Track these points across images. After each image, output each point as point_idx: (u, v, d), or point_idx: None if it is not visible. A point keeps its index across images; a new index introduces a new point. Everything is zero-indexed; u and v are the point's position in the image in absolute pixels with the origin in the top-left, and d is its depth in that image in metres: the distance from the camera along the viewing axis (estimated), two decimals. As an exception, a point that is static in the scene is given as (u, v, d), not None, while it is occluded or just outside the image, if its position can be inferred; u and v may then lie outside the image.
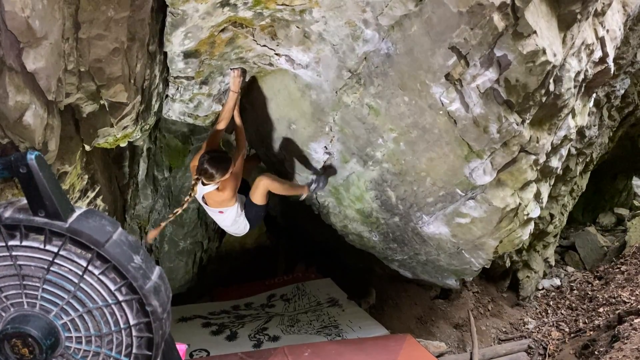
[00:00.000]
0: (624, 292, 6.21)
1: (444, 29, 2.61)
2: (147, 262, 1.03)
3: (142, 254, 1.03)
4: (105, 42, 1.75)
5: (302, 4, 2.86)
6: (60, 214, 0.96)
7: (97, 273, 0.98)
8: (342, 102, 3.53)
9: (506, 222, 3.62)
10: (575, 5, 2.82)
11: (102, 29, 1.71)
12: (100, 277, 0.99)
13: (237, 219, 3.86)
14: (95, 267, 0.98)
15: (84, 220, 0.98)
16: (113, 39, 1.77)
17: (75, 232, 0.96)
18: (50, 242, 0.97)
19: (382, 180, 3.94)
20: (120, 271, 0.99)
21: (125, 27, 1.80)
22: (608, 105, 5.81)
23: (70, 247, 0.97)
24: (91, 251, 0.97)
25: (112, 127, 2.28)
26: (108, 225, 1.01)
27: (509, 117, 2.94)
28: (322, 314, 4.61)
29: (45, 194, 0.95)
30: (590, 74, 3.35)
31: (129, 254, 1.00)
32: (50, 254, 0.97)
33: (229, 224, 3.89)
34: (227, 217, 3.80)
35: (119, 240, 1.00)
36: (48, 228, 0.96)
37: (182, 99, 3.57)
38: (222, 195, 3.61)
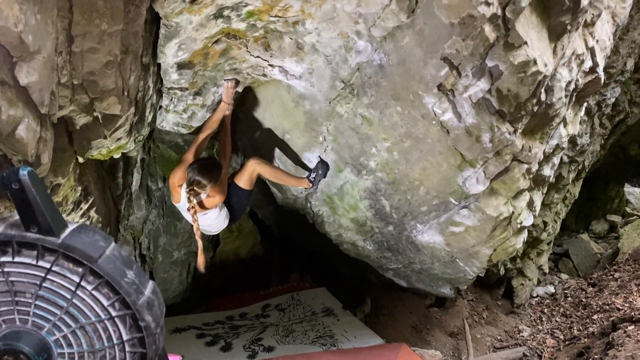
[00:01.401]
0: (617, 299, 6.24)
1: (435, 40, 2.64)
2: (140, 277, 1.03)
3: (135, 269, 1.03)
4: (98, 55, 1.76)
5: (295, 15, 2.88)
6: (52, 229, 0.95)
7: (90, 289, 0.98)
8: (335, 112, 3.55)
9: (500, 231, 3.64)
10: (565, 17, 2.85)
11: (96, 42, 1.71)
12: (93, 293, 0.98)
13: (219, 214, 3.75)
14: (88, 283, 0.98)
15: (76, 235, 0.98)
16: (106, 52, 1.77)
17: (68, 248, 0.96)
18: (42, 258, 0.96)
19: (376, 189, 3.96)
20: (113, 286, 0.99)
21: (119, 40, 1.80)
22: (599, 114, 5.86)
23: (63, 262, 0.97)
24: (84, 267, 0.97)
25: (106, 138, 2.27)
26: (101, 240, 1.00)
27: (501, 127, 2.97)
28: (317, 324, 4.59)
29: (37, 209, 0.94)
30: (581, 83, 3.39)
31: (122, 269, 1.00)
32: (42, 269, 0.96)
33: (211, 221, 3.75)
34: (209, 216, 3.70)
35: (112, 256, 1.00)
36: (40, 244, 0.95)
37: (175, 110, 3.57)
38: (211, 202, 3.57)
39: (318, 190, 4.51)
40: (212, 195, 3.55)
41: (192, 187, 3.38)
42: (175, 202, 3.64)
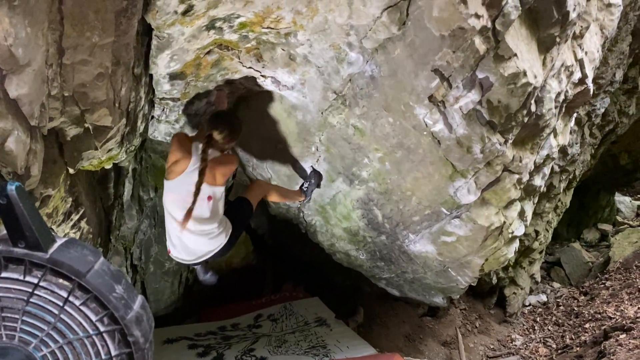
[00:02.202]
0: (609, 308, 6.27)
1: (426, 52, 2.66)
2: (129, 292, 1.03)
3: (124, 284, 1.03)
4: (89, 67, 1.75)
5: (287, 27, 2.90)
6: (40, 244, 0.95)
7: (78, 304, 0.97)
8: (327, 123, 3.56)
9: (491, 241, 3.65)
10: (554, 29, 2.89)
11: (87, 55, 1.71)
12: (81, 308, 0.98)
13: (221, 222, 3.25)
14: (76, 298, 0.97)
15: (65, 250, 0.98)
16: (97, 64, 1.77)
17: (56, 263, 0.95)
18: (30, 273, 0.96)
19: (369, 199, 3.97)
20: (102, 301, 0.98)
21: (110, 52, 1.81)
22: (589, 124, 5.92)
23: (51, 277, 0.96)
24: (72, 282, 0.96)
25: (97, 150, 2.27)
26: (90, 255, 1.00)
27: (491, 138, 2.99)
28: (309, 334, 4.57)
29: (25, 224, 0.94)
30: (570, 94, 3.42)
31: (110, 283, 0.99)
32: (30, 285, 0.96)
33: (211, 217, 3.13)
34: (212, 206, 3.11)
35: (100, 270, 0.99)
36: (28, 259, 0.95)
37: (167, 120, 3.57)
38: (224, 167, 3.12)
39: (311, 200, 4.51)
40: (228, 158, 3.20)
41: (210, 138, 3.04)
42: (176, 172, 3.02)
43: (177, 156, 3.04)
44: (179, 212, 3.05)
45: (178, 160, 3.04)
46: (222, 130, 3.10)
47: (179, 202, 3.05)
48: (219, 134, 3.09)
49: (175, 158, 3.05)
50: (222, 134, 3.10)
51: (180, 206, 3.03)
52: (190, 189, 2.97)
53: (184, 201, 2.99)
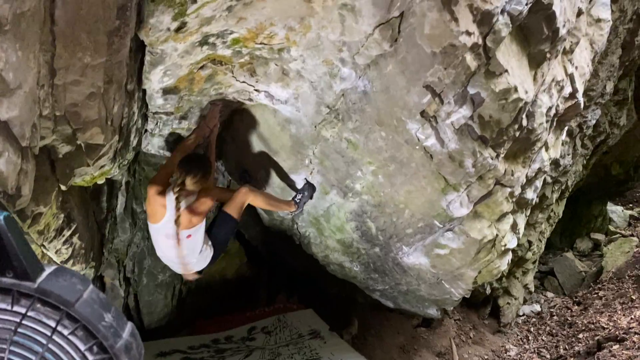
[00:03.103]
0: (602, 318, 6.29)
1: (418, 68, 2.68)
2: (118, 320, 1.02)
3: (114, 312, 1.02)
4: (81, 87, 1.76)
5: (280, 43, 2.92)
6: (29, 274, 0.95)
7: (67, 333, 0.97)
8: (321, 136, 3.58)
9: (484, 253, 3.66)
10: (544, 45, 2.92)
11: (79, 75, 1.71)
12: (70, 337, 0.97)
13: (204, 245, 3.44)
14: (65, 327, 0.97)
15: (53, 279, 0.97)
16: (89, 84, 1.78)
17: (44, 293, 0.95)
18: (18, 302, 0.95)
19: (362, 211, 3.97)
20: (91, 330, 0.98)
21: (102, 72, 1.81)
22: (581, 135, 5.97)
23: (39, 307, 0.96)
24: (60, 311, 0.96)
25: (89, 166, 2.26)
26: (78, 284, 1.00)
27: (483, 152, 3.01)
28: (303, 347, 4.55)
29: (13, 254, 0.94)
30: (561, 108, 3.46)
31: (99, 312, 0.99)
32: (18, 315, 0.95)
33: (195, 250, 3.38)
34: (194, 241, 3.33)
35: (89, 299, 0.99)
36: (16, 289, 0.94)
37: (161, 134, 3.57)
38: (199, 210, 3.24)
39: (304, 211, 4.52)
40: (204, 198, 3.28)
41: (183, 185, 3.12)
42: (154, 220, 3.25)
43: (153, 207, 3.22)
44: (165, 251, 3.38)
45: (154, 210, 3.23)
46: (194, 175, 3.17)
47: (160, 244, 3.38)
48: (192, 179, 3.17)
49: (152, 208, 3.24)
50: (195, 178, 3.18)
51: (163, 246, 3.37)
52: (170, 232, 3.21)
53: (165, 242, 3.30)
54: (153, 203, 3.20)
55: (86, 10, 1.58)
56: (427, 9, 2.44)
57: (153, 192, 3.20)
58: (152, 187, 3.22)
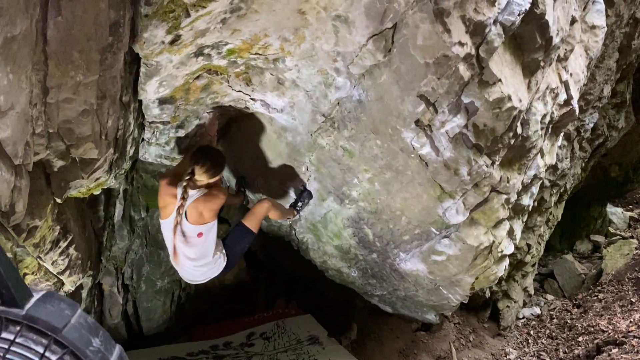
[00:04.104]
0: (602, 321, 6.29)
1: (412, 78, 2.70)
2: (106, 344, 1.04)
3: (102, 335, 1.04)
4: (74, 104, 1.77)
5: (275, 53, 2.93)
6: (17, 301, 0.96)
7: (55, 359, 0.98)
8: (317, 144, 3.59)
9: (481, 260, 3.67)
10: (538, 54, 2.93)
11: (71, 93, 1.73)
12: (58, 362, 0.99)
13: (216, 251, 3.35)
14: (53, 353, 0.98)
15: (41, 305, 0.99)
16: (82, 102, 1.79)
17: (32, 319, 0.96)
18: (6, 329, 0.97)
19: (359, 218, 3.98)
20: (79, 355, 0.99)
21: (95, 89, 1.82)
22: (579, 138, 5.98)
23: (27, 333, 0.97)
24: (48, 337, 0.97)
25: (84, 179, 2.28)
26: (67, 309, 1.01)
27: (478, 160, 3.02)
28: (302, 353, 4.56)
29: (1, 281, 0.95)
30: (556, 115, 3.47)
31: (87, 337, 1.00)
32: (6, 341, 0.97)
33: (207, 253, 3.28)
34: (205, 241, 3.23)
35: (77, 324, 1.00)
36: (4, 316, 0.96)
37: (158, 143, 3.58)
38: (210, 204, 3.17)
39: (302, 218, 4.53)
40: (215, 192, 3.21)
41: (192, 174, 3.06)
42: (165, 215, 3.16)
43: (164, 198, 3.17)
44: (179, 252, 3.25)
45: (165, 202, 3.17)
46: (203, 164, 3.10)
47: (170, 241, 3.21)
48: (200, 169, 3.09)
49: (163, 203, 3.18)
50: (204, 168, 3.10)
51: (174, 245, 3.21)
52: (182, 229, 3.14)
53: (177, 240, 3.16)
54: (164, 194, 3.15)
55: (78, 30, 1.60)
56: (419, 20, 2.45)
57: (164, 182, 3.17)
58: (164, 179, 3.21)
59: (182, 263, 3.30)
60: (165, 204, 3.16)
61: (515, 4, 2.53)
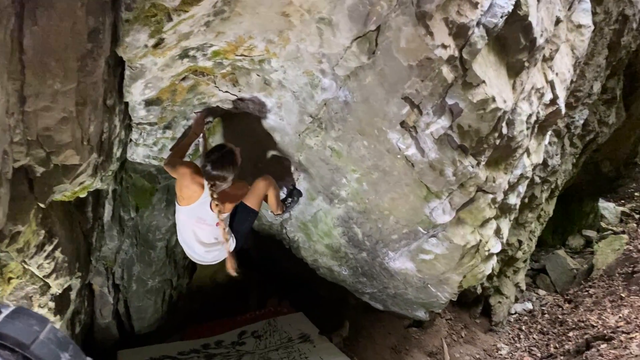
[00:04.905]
0: (592, 316, 6.34)
1: (396, 80, 2.70)
2: (76, 358, 1.04)
3: (72, 350, 1.04)
4: (52, 112, 1.77)
5: (261, 54, 2.94)
6: (-16, 318, 0.97)
7: (22, 375, 0.99)
8: (305, 144, 3.60)
9: (468, 259, 3.69)
10: (522, 54, 2.94)
11: (49, 101, 1.73)
12: (25, 379, 0.99)
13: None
14: (20, 369, 0.99)
15: (9, 322, 0.99)
16: (61, 109, 1.79)
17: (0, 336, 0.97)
18: (-26, 346, 0.98)
19: (348, 217, 4.00)
20: (48, 371, 1.00)
21: (73, 97, 1.82)
22: (569, 135, 6.00)
23: (-4, 350, 0.98)
24: (16, 354, 0.98)
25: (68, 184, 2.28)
26: (35, 325, 1.01)
27: (463, 161, 3.03)
28: (293, 351, 4.58)
29: (-31, 299, 0.96)
30: (542, 115, 3.48)
31: (56, 352, 1.01)
32: (-26, 358, 0.98)
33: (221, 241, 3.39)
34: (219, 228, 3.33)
35: (46, 339, 1.01)
36: (-28, 333, 0.97)
37: (145, 144, 3.58)
38: (233, 197, 3.33)
39: (292, 217, 4.55)
40: (239, 188, 3.38)
41: (215, 185, 3.15)
42: (187, 202, 3.25)
43: (189, 187, 3.23)
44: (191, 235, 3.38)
45: (189, 191, 3.24)
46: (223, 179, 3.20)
47: (189, 227, 3.38)
48: (220, 182, 3.21)
49: (187, 189, 3.25)
50: (223, 180, 3.21)
51: (191, 231, 3.37)
52: (202, 216, 3.26)
53: (195, 226, 3.32)
54: (190, 183, 3.20)
55: (55, 38, 1.60)
56: (402, 23, 2.46)
57: (190, 171, 3.22)
58: (188, 167, 3.24)
59: (194, 247, 3.46)
60: (192, 192, 3.24)
61: (497, 6, 2.54)
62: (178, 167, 3.28)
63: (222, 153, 3.25)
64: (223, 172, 3.19)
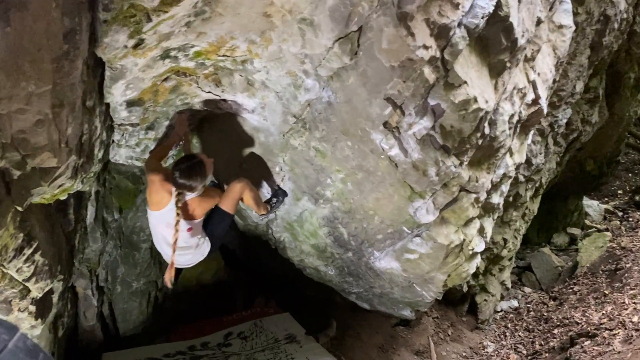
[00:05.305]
0: (576, 313, 6.41)
1: (378, 81, 2.71)
2: (46, 366, 1.03)
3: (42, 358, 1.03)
4: (27, 115, 1.74)
5: (243, 55, 2.92)
6: (-48, 327, 0.96)
7: (-8, 383, 0.98)
8: (289, 145, 3.59)
9: (452, 258, 3.71)
10: (503, 55, 2.96)
11: (23, 104, 1.70)
12: (-5, 386, 0.98)
13: (201, 237, 3.53)
14: (-10, 377, 0.98)
15: (-23, 330, 0.98)
16: (36, 112, 1.76)
17: (-32, 346, 0.96)
18: (-58, 355, 0.96)
19: (334, 217, 4.00)
20: (17, 379, 0.99)
21: (49, 99, 1.79)
22: (553, 134, 6.06)
23: (-36, 359, 0.97)
24: (-16, 363, 0.97)
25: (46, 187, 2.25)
26: (4, 334, 1.00)
27: (446, 161, 3.05)
28: (279, 352, 4.57)
29: None
30: (524, 115, 3.51)
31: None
32: (-59, 368, 0.96)
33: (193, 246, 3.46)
34: (192, 235, 3.40)
35: (14, 348, 1.00)
36: (-61, 343, 0.95)
37: (128, 145, 3.55)
38: (204, 204, 3.35)
39: (278, 217, 4.53)
40: (210, 196, 3.39)
41: (182, 193, 3.17)
42: (157, 207, 3.26)
43: (158, 193, 3.22)
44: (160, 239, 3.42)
45: (158, 196, 3.23)
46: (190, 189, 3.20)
47: (159, 231, 3.39)
48: (188, 192, 3.22)
49: (156, 195, 3.24)
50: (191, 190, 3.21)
51: (161, 235, 3.38)
52: (171, 222, 3.21)
53: (165, 231, 3.31)
54: (159, 189, 3.20)
55: (28, 40, 1.57)
56: (383, 24, 2.46)
57: (159, 178, 3.20)
58: (158, 174, 3.22)
59: (165, 250, 3.45)
60: (160, 198, 3.23)
61: (479, 7, 2.55)
62: (150, 172, 3.26)
63: (191, 163, 3.21)
64: (190, 182, 3.16)
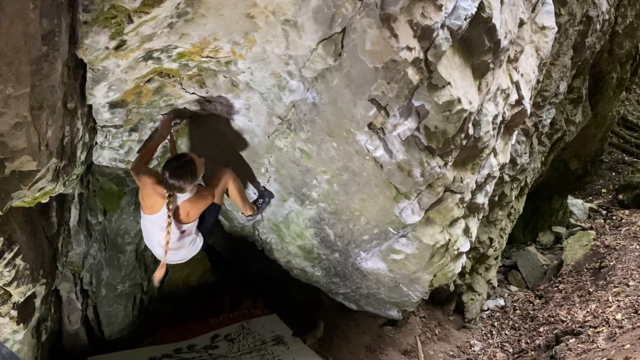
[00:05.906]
0: (561, 311, 6.48)
1: (362, 82, 2.71)
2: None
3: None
4: (5, 118, 1.71)
5: (227, 56, 2.91)
6: None
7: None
8: (275, 146, 3.58)
9: (438, 258, 3.73)
10: (487, 56, 2.98)
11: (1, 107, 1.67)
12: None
13: (194, 236, 3.50)
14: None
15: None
16: (14, 115, 1.73)
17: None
18: None
19: (320, 218, 4.00)
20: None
21: (27, 101, 1.77)
22: (537, 133, 6.12)
23: None
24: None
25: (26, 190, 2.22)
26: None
27: (430, 162, 3.06)
28: (266, 354, 4.56)
29: None
30: (508, 115, 3.54)
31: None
32: None
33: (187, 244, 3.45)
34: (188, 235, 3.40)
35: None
36: None
37: (111, 146, 3.52)
38: (198, 205, 3.30)
39: (264, 218, 4.52)
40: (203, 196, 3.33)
41: (172, 194, 3.11)
42: (151, 212, 3.22)
43: (151, 197, 3.18)
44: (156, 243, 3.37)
45: (151, 200, 3.20)
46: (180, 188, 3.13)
47: (154, 235, 3.34)
48: (179, 192, 3.17)
49: (149, 199, 3.20)
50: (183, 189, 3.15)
51: (155, 238, 3.34)
52: (164, 225, 3.17)
53: (159, 235, 3.26)
54: (152, 193, 3.14)
55: (5, 42, 1.55)
56: (367, 25, 2.46)
57: (152, 182, 3.13)
58: (150, 177, 3.15)
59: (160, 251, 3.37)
60: (153, 202, 3.19)
61: (461, 9, 2.57)
62: (141, 176, 3.19)
63: (181, 162, 3.15)
64: (180, 182, 3.09)
